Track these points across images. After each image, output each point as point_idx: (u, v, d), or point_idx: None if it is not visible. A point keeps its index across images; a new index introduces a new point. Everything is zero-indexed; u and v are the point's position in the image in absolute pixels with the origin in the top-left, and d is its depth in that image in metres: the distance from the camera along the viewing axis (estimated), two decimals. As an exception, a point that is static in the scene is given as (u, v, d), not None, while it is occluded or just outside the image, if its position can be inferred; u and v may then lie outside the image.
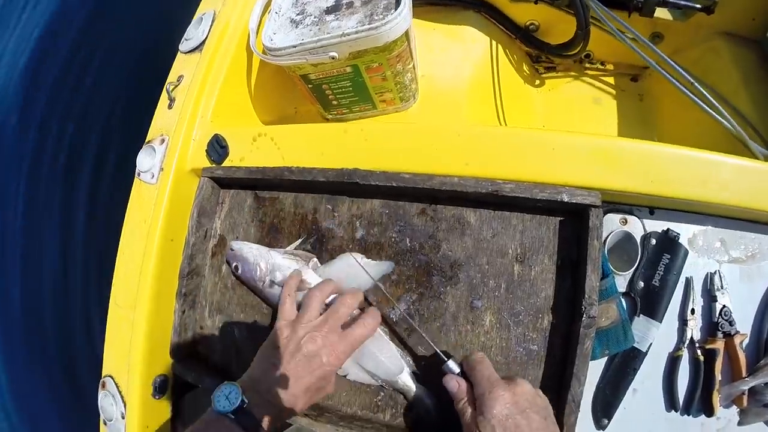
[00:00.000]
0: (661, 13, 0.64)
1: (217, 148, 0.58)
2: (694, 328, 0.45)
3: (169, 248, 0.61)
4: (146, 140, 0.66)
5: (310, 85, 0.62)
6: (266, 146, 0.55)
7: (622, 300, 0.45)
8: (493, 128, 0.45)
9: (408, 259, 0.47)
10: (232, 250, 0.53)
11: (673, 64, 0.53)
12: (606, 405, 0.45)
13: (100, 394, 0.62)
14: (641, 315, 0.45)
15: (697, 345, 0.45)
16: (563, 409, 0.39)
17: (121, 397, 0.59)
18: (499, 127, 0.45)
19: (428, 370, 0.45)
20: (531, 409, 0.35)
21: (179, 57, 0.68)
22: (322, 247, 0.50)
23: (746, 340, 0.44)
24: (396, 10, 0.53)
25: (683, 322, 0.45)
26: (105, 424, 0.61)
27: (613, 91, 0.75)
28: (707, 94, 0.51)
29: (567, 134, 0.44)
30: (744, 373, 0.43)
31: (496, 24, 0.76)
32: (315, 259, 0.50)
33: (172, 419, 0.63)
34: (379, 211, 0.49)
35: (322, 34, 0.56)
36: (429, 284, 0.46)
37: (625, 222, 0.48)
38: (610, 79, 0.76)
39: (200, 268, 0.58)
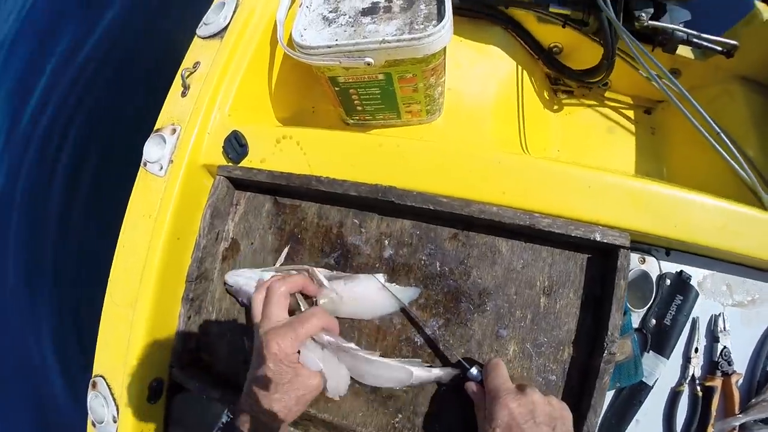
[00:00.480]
0: (683, 50, 0.66)
1: (236, 145, 0.55)
2: (696, 366, 0.48)
3: (175, 246, 0.57)
4: (155, 128, 0.61)
5: (337, 88, 0.60)
6: (291, 150, 0.52)
7: (635, 336, 0.47)
8: (532, 159, 0.45)
9: (437, 283, 0.46)
10: (230, 285, 0.51)
11: (694, 102, 0.55)
12: (611, 433, 0.47)
13: (90, 394, 0.58)
14: (651, 351, 0.48)
15: (697, 382, 0.47)
16: (578, 440, 0.41)
17: (114, 399, 0.56)
18: (538, 159, 0.44)
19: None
20: (536, 418, 0.35)
21: (196, 42, 0.63)
22: (347, 263, 0.49)
23: (741, 380, 0.47)
24: (439, 23, 0.51)
25: (687, 359, 0.48)
26: (94, 426, 0.57)
27: (627, 122, 0.77)
28: (723, 136, 0.53)
29: (602, 173, 0.45)
30: (737, 411, 0.46)
31: (521, 43, 0.76)
32: (311, 269, 0.48)
33: (164, 422, 0.60)
34: (409, 232, 0.48)
35: (358, 37, 0.53)
36: (457, 310, 0.45)
37: (643, 261, 0.49)
38: (625, 110, 0.78)
39: (209, 272, 0.55)
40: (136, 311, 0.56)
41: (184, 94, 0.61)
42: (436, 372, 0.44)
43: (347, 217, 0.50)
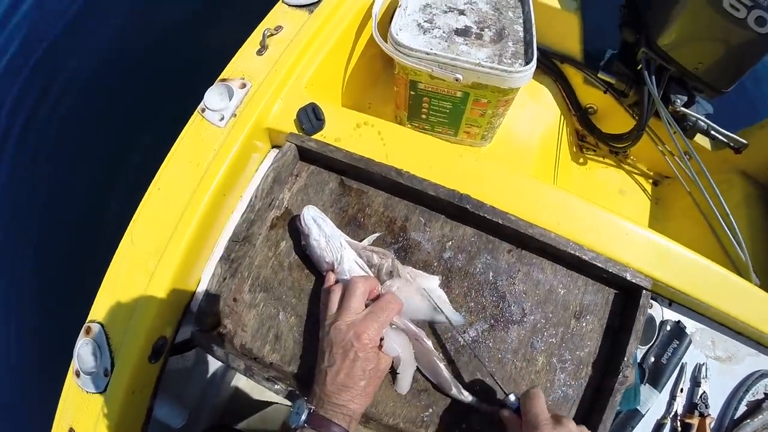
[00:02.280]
0: (699, 139, 0.82)
1: (312, 118, 0.59)
2: (679, 404, 0.59)
3: (218, 203, 0.59)
4: (220, 77, 0.63)
5: (412, 92, 0.66)
6: (370, 137, 0.57)
7: (638, 368, 0.58)
8: (587, 203, 0.54)
9: (487, 290, 0.53)
10: (306, 221, 0.51)
11: (711, 181, 0.69)
12: (603, 454, 0.56)
13: (81, 340, 0.56)
14: (647, 384, 0.58)
15: (678, 418, 0.59)
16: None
17: (110, 350, 0.55)
18: (592, 203, 0.54)
19: (482, 396, 0.51)
20: None
21: (281, 7, 0.67)
22: (406, 257, 0.54)
23: (713, 423, 0.59)
24: (527, 63, 0.61)
25: (673, 397, 0.59)
26: (78, 375, 0.55)
27: (637, 188, 0.92)
28: (731, 217, 0.68)
29: (639, 225, 0.55)
30: (707, 448, 0.57)
31: (563, 97, 0.89)
32: (393, 258, 0.52)
33: (155, 385, 0.59)
34: (470, 239, 0.55)
35: (453, 53, 0.61)
36: (500, 318, 0.53)
37: (651, 306, 0.61)
38: (637, 177, 0.94)
39: (254, 236, 0.58)
40: (161, 261, 0.56)
41: (260, 53, 0.64)
42: (470, 399, 0.50)
43: (414, 213, 0.56)
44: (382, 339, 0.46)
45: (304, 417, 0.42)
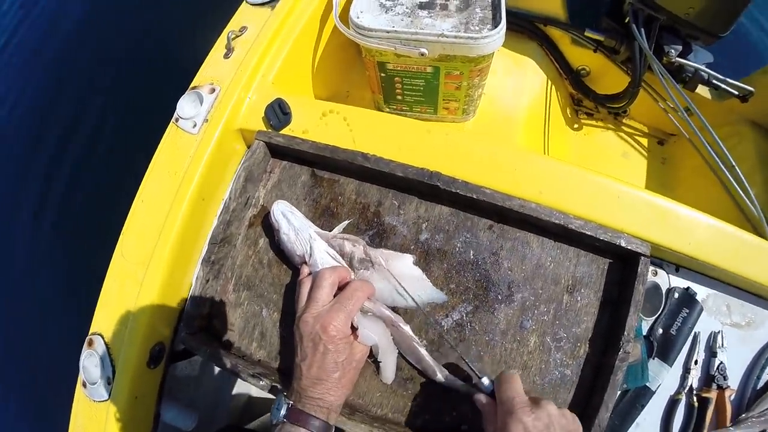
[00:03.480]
0: (701, 90, 0.74)
1: (279, 113, 0.57)
2: (694, 378, 0.53)
3: (199, 208, 0.58)
4: (192, 85, 0.62)
5: (383, 74, 0.63)
6: (337, 125, 0.55)
7: (644, 342, 0.52)
8: (570, 166, 0.49)
9: (469, 270, 0.50)
10: (276, 216, 0.50)
11: (715, 136, 0.61)
12: (612, 434, 0.51)
13: (85, 352, 0.57)
14: (656, 358, 0.53)
15: (694, 392, 0.53)
16: (589, 433, 0.44)
17: (111, 360, 0.55)
18: (576, 166, 0.49)
19: (471, 381, 0.48)
20: (554, 431, 0.36)
21: (245, 7, 0.65)
22: (382, 243, 0.52)
23: (734, 395, 0.53)
24: (495, 27, 0.56)
25: (686, 370, 0.53)
26: (84, 386, 0.56)
27: (641, 150, 0.84)
28: (738, 170, 0.60)
29: (632, 186, 0.50)
30: (728, 423, 0.51)
31: (552, 61, 0.83)
32: (364, 244, 0.49)
33: (159, 391, 0.59)
34: (446, 218, 0.51)
35: (415, 28, 0.57)
36: (485, 298, 0.49)
37: (655, 274, 0.55)
38: (640, 138, 0.86)
39: (233, 237, 0.57)
40: (148, 270, 0.56)
41: (227, 56, 0.63)
42: (458, 383, 0.47)
43: (386, 197, 0.53)
44: (356, 329, 0.44)
45: (283, 412, 0.41)
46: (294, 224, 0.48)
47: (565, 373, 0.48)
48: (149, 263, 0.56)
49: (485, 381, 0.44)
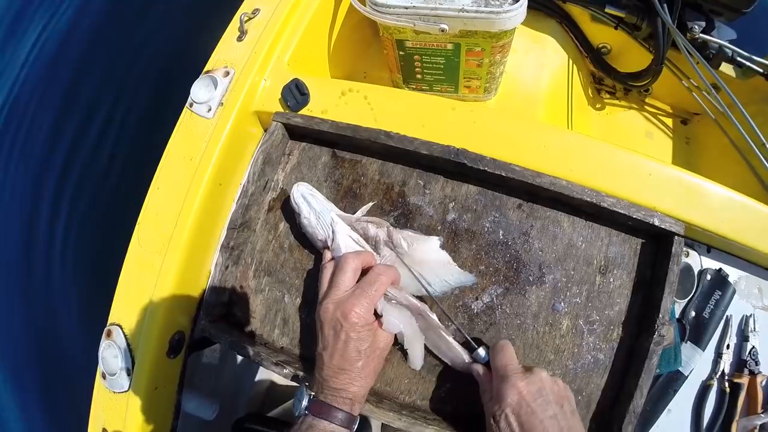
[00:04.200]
0: (724, 68, 0.72)
1: (296, 94, 0.56)
2: (726, 362, 0.53)
3: (216, 193, 0.57)
4: (205, 69, 0.61)
5: (401, 52, 0.62)
6: (357, 103, 0.54)
7: (677, 325, 0.51)
8: (601, 142, 0.48)
9: (499, 251, 0.49)
10: (296, 199, 0.49)
11: (744, 113, 0.60)
12: (644, 420, 0.50)
13: (104, 343, 0.57)
14: (688, 342, 0.52)
15: (726, 377, 0.52)
16: (623, 419, 0.44)
17: (130, 350, 0.55)
18: (607, 143, 0.48)
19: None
20: (546, 397, 0.37)
21: (257, -12, 0.64)
22: (407, 224, 0.51)
23: (765, 381, 0.52)
24: (516, 2, 0.54)
25: (718, 354, 0.53)
26: (104, 378, 0.56)
27: (665, 129, 0.83)
28: (759, 153, 0.59)
29: (663, 163, 0.49)
30: (759, 410, 0.51)
31: (572, 38, 0.81)
32: (388, 226, 0.48)
33: (179, 381, 0.59)
34: (474, 197, 0.50)
35: (434, 3, 0.55)
36: (516, 280, 0.48)
37: (687, 255, 0.54)
38: (663, 117, 0.84)
39: (252, 221, 0.56)
40: (166, 258, 0.55)
41: (240, 39, 0.61)
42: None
43: (411, 176, 0.52)
44: (380, 316, 0.43)
45: (304, 404, 0.40)
46: (315, 207, 0.47)
47: (598, 357, 0.48)
48: (166, 251, 0.56)
49: (481, 351, 0.44)
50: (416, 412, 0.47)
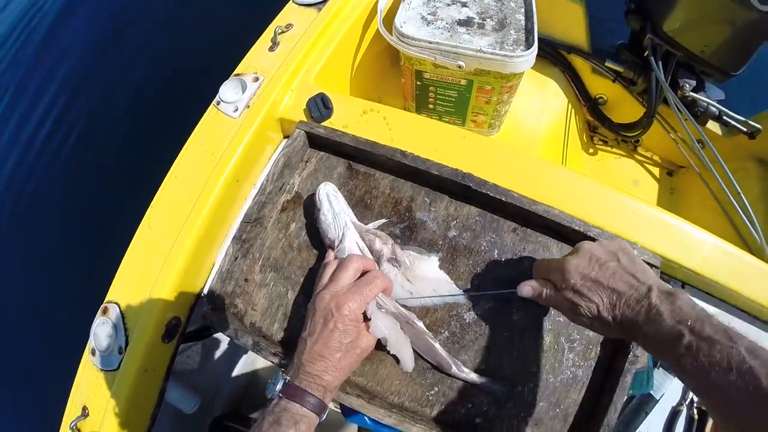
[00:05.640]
0: (711, 125, 0.84)
1: (321, 107, 0.63)
2: (695, 391, 0.59)
3: (233, 189, 0.64)
4: (235, 72, 0.69)
5: (418, 82, 0.71)
6: (376, 122, 0.62)
7: (650, 353, 0.58)
8: (593, 181, 0.57)
9: (492, 269, 0.56)
10: (320, 196, 0.55)
11: (725, 168, 0.70)
12: (617, 440, 0.56)
13: (98, 319, 0.60)
14: (660, 368, 0.59)
15: (695, 405, 0.59)
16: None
17: (125, 329, 0.59)
18: (597, 181, 0.57)
19: (488, 375, 0.53)
20: (600, 259, 0.42)
21: (291, 6, 0.74)
22: (412, 236, 0.58)
23: (731, 410, 0.59)
24: (527, 49, 0.65)
25: (688, 383, 0.59)
26: (93, 354, 0.59)
27: (651, 179, 0.94)
28: (744, 199, 0.69)
29: (647, 203, 0.57)
30: (725, 437, 0.57)
31: (572, 87, 0.92)
32: (392, 243, 0.55)
33: (168, 368, 0.62)
34: (474, 218, 0.58)
35: (455, 41, 0.65)
36: (506, 298, 0.55)
37: (663, 289, 0.62)
38: (651, 167, 0.95)
39: (265, 218, 0.62)
40: (175, 244, 0.60)
41: (272, 49, 0.70)
42: (473, 377, 0.52)
43: (419, 194, 0.59)
44: (368, 319, 0.47)
45: (279, 387, 0.43)
46: (334, 208, 0.54)
47: (577, 374, 0.54)
48: (177, 237, 0.61)
49: (521, 287, 0.47)
50: (404, 411, 0.52)
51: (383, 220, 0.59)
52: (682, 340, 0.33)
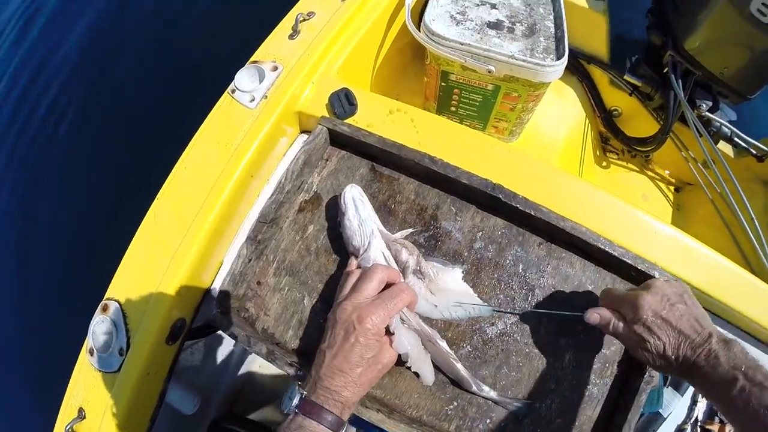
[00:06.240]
0: (723, 146, 0.87)
1: (345, 103, 0.62)
2: (700, 410, 0.62)
3: (246, 185, 0.61)
4: (252, 59, 0.66)
5: (443, 83, 0.70)
6: (403, 124, 0.60)
7: (661, 371, 0.60)
8: (616, 198, 0.58)
9: (517, 283, 0.56)
10: (345, 199, 0.53)
11: (737, 187, 0.72)
12: (625, 456, 0.58)
13: (97, 318, 0.57)
14: (669, 387, 0.61)
15: (699, 423, 0.61)
16: (611, 450, 0.51)
17: (127, 330, 0.56)
18: (622, 200, 0.57)
19: (507, 391, 0.53)
20: (671, 300, 0.45)
21: (314, -6, 0.70)
22: (436, 245, 0.57)
23: (733, 430, 0.62)
24: (558, 58, 0.64)
25: (694, 401, 0.62)
26: (91, 354, 0.56)
27: (659, 194, 0.96)
28: (756, 222, 0.71)
29: (667, 224, 0.59)
30: (727, 456, 0.60)
31: (588, 97, 0.93)
32: (418, 254, 0.54)
33: (170, 369, 0.60)
34: (501, 231, 0.58)
35: (485, 45, 0.64)
36: (529, 312, 0.55)
37: (675, 309, 0.64)
38: (659, 182, 0.97)
39: (282, 219, 0.60)
40: (184, 240, 0.58)
41: (292, 37, 0.67)
42: (493, 395, 0.52)
43: (445, 202, 0.59)
44: (392, 333, 0.46)
45: (295, 402, 0.42)
46: (360, 213, 0.53)
47: (593, 391, 0.55)
48: (186, 233, 0.58)
49: (587, 313, 0.48)
50: (423, 426, 0.51)
51: (410, 230, 0.58)
52: (736, 384, 0.37)
